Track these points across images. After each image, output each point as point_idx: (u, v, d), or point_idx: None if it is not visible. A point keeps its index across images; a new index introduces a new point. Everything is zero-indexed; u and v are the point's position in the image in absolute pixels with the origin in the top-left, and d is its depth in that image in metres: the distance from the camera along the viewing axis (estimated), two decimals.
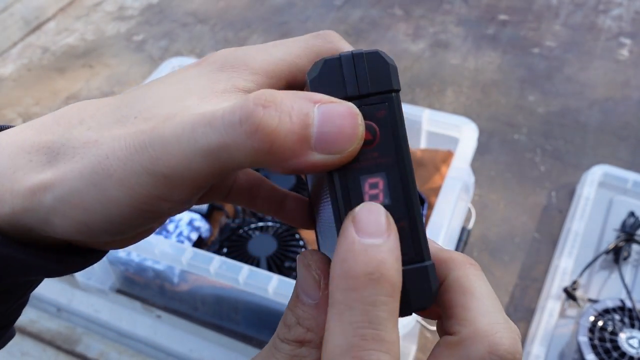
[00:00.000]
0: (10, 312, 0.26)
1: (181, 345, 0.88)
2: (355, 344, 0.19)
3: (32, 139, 0.22)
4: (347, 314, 0.19)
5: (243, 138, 0.19)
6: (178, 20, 1.57)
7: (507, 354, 0.20)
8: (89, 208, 0.21)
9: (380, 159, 0.21)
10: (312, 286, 0.22)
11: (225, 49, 0.24)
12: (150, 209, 0.21)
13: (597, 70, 1.32)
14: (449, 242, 0.81)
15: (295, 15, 1.55)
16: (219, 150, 0.20)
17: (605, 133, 1.17)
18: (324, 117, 0.20)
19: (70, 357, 0.89)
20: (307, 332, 0.21)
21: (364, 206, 0.20)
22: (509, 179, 1.10)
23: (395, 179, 0.21)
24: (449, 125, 0.96)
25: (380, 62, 0.21)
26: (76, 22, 1.60)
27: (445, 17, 1.50)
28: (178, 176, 0.20)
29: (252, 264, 0.88)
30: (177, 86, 0.22)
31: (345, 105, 0.20)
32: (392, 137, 0.21)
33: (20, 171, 0.22)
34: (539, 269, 0.95)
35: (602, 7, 1.50)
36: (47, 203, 0.22)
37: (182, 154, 0.20)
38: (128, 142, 0.21)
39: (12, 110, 1.33)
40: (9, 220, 0.22)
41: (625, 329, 0.81)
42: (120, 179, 0.21)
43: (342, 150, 0.20)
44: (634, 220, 0.95)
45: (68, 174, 0.21)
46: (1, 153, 0.22)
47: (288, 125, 0.19)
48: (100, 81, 1.39)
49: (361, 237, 0.19)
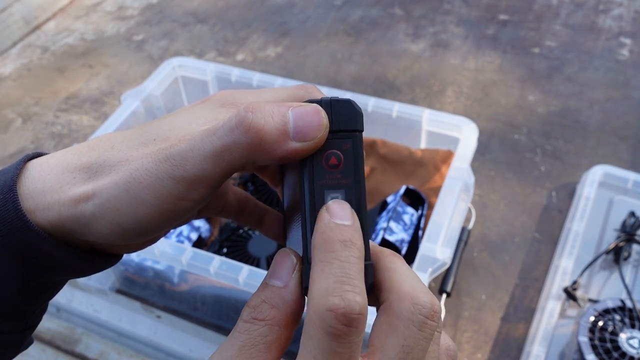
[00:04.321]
0: (37, 312, 0.32)
1: (181, 345, 0.88)
2: (336, 287, 0.24)
3: (74, 161, 0.29)
4: (328, 269, 0.25)
5: (240, 137, 0.26)
6: (178, 20, 1.57)
7: (426, 303, 0.26)
8: (123, 211, 0.27)
9: (342, 180, 0.28)
10: (286, 269, 0.27)
11: (224, 91, 0.31)
12: (172, 208, 0.27)
13: (597, 70, 1.32)
14: (449, 242, 0.81)
15: (295, 15, 1.55)
16: (223, 152, 0.26)
17: (606, 133, 1.17)
18: (297, 115, 0.27)
19: (70, 357, 0.89)
20: (272, 308, 0.26)
21: (334, 201, 0.27)
22: (509, 179, 1.10)
23: (350, 197, 0.28)
24: (449, 125, 0.96)
25: (350, 108, 0.28)
26: (76, 22, 1.60)
27: (445, 17, 1.50)
28: (193, 178, 0.26)
29: (252, 264, 0.88)
30: (186, 117, 0.29)
31: (312, 106, 0.27)
32: (353, 165, 0.28)
33: (66, 186, 0.28)
34: (539, 269, 0.95)
35: (602, 7, 1.50)
36: (89, 210, 0.27)
37: (196, 160, 0.26)
38: (153, 157, 0.27)
39: (12, 110, 1.33)
40: (55, 224, 0.28)
41: (625, 329, 0.81)
42: (148, 184, 0.27)
43: (314, 137, 0.27)
44: (634, 220, 0.94)
45: (106, 185, 0.27)
46: (49, 173, 0.29)
47: (272, 124, 0.26)
48: (100, 81, 1.39)
49: (334, 219, 0.26)
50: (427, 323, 0.25)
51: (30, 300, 0.30)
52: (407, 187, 0.97)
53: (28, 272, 0.28)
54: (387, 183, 1.02)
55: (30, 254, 0.28)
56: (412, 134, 1.01)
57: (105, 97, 1.35)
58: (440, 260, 0.76)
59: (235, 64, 1.39)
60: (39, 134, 1.27)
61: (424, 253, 0.76)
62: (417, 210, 0.95)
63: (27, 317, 0.31)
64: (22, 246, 0.28)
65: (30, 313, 0.31)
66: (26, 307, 0.30)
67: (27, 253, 0.28)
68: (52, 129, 1.28)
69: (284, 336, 0.26)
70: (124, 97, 1.02)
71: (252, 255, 0.89)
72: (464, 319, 0.90)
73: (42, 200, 0.28)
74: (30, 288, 0.29)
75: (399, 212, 0.92)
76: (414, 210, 0.94)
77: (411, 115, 0.98)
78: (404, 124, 0.99)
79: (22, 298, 0.29)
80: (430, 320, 0.26)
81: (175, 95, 1.11)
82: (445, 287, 0.89)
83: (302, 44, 1.45)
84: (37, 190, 0.28)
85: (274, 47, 1.45)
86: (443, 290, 0.89)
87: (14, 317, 0.30)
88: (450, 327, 0.89)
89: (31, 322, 0.32)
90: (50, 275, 0.30)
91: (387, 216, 0.92)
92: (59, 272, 0.30)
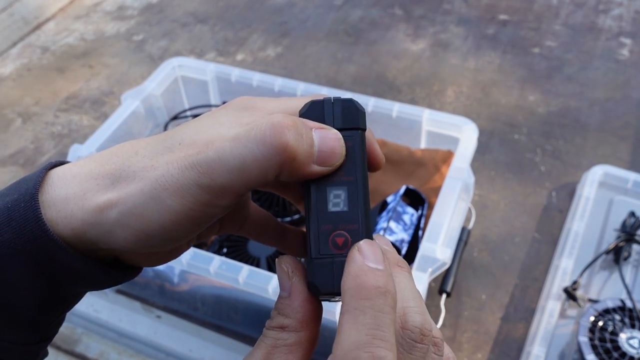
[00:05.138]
0: (54, 324, 0.31)
1: (181, 345, 0.88)
2: (367, 341, 0.23)
3: (97, 169, 0.28)
4: (361, 318, 0.24)
5: (272, 153, 0.26)
6: (178, 20, 1.57)
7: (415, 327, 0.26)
8: (148, 217, 0.27)
9: (345, 177, 0.28)
10: (284, 279, 0.28)
11: (244, 96, 0.31)
12: (198, 215, 0.27)
13: (597, 70, 1.32)
14: (449, 242, 0.81)
15: (295, 15, 1.55)
16: (251, 164, 0.26)
17: (605, 133, 1.17)
18: (322, 140, 0.27)
19: (70, 357, 0.89)
20: (285, 318, 0.27)
21: (365, 242, 0.27)
22: (509, 179, 1.10)
23: (353, 193, 0.28)
24: (449, 125, 0.96)
25: (352, 107, 0.29)
26: (76, 22, 1.60)
27: (445, 17, 1.50)
28: (220, 187, 0.26)
29: (252, 264, 0.88)
30: (210, 121, 0.29)
31: (333, 132, 0.28)
32: (355, 162, 0.28)
33: (89, 193, 0.28)
34: (539, 269, 0.95)
35: (602, 7, 1.50)
36: (113, 217, 0.27)
37: (223, 170, 0.26)
38: (180, 164, 0.27)
39: (12, 110, 1.33)
40: (77, 233, 0.27)
41: (625, 329, 0.81)
42: (174, 191, 0.26)
43: (333, 164, 0.28)
44: (634, 220, 0.94)
45: (131, 192, 0.27)
46: (72, 181, 0.28)
47: (304, 146, 0.27)
48: (100, 81, 1.39)
49: (367, 262, 0.25)
50: (416, 346, 0.26)
51: (47, 312, 0.29)
52: (407, 187, 0.97)
53: (46, 282, 0.28)
54: (387, 183, 1.02)
55: (50, 264, 0.27)
56: (412, 134, 1.01)
57: (105, 97, 1.35)
58: (440, 260, 0.76)
59: (235, 64, 1.39)
60: (39, 134, 1.27)
61: (424, 253, 0.76)
62: (417, 210, 0.95)
63: (44, 329, 0.30)
64: (41, 256, 0.27)
65: (47, 325, 0.30)
66: (43, 319, 0.30)
67: (46, 263, 0.27)
68: (52, 129, 1.28)
69: (304, 338, 0.27)
70: (124, 97, 1.02)
71: (252, 255, 0.89)
72: (463, 319, 0.90)
73: (64, 208, 0.27)
74: (48, 299, 0.29)
75: (399, 212, 0.92)
76: (414, 210, 0.94)
77: (411, 115, 0.98)
78: (404, 124, 0.99)
79: (39, 309, 0.29)
80: (420, 343, 0.26)
81: (175, 95, 1.11)
82: (445, 287, 0.89)
83: (302, 44, 1.45)
84: (59, 198, 0.28)
85: (274, 47, 1.45)
86: (443, 290, 0.89)
87: (30, 329, 0.29)
88: (450, 327, 0.89)
89: (47, 334, 0.31)
90: (69, 287, 0.29)
91: (387, 216, 0.92)
92: (78, 284, 0.29)
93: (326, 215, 0.28)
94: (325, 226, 0.28)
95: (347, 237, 0.28)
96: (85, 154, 0.92)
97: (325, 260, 0.27)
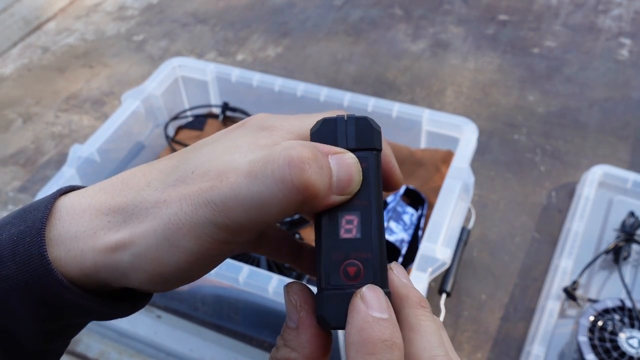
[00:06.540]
0: (60, 349, 0.30)
1: (181, 345, 0.88)
2: None
3: (108, 202, 0.27)
4: None
5: (294, 193, 0.24)
6: (178, 20, 1.57)
7: None
8: (163, 260, 0.25)
9: (357, 201, 0.26)
10: (292, 310, 0.26)
11: (261, 114, 0.29)
12: (215, 253, 0.26)
13: (597, 70, 1.32)
14: (448, 242, 0.81)
15: (295, 15, 1.55)
16: (270, 202, 0.24)
17: (605, 133, 1.17)
18: (339, 167, 0.25)
19: (70, 357, 0.89)
20: (292, 351, 0.26)
21: (369, 288, 0.25)
22: (509, 179, 1.10)
23: (367, 219, 0.26)
24: (449, 125, 0.96)
25: (367, 126, 0.27)
26: (76, 22, 1.60)
27: (445, 17, 1.50)
28: (238, 225, 0.25)
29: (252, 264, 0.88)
30: (225, 143, 0.27)
31: (349, 156, 0.26)
32: (369, 185, 0.26)
33: (101, 231, 0.26)
34: (538, 269, 0.95)
35: (602, 7, 1.50)
36: (126, 259, 0.26)
37: (240, 208, 0.24)
38: (193, 200, 0.25)
39: (12, 110, 1.33)
40: (87, 273, 0.26)
41: (625, 329, 0.81)
42: (189, 230, 0.25)
43: (352, 192, 0.26)
44: (633, 220, 0.95)
45: (143, 233, 0.25)
46: (81, 216, 0.27)
47: (325, 179, 0.25)
48: (100, 81, 1.39)
49: (371, 312, 0.24)
50: None
51: (52, 340, 0.29)
52: (407, 187, 0.97)
53: (51, 316, 0.27)
54: None
55: (54, 301, 0.26)
56: (412, 134, 1.01)
57: (106, 97, 1.35)
58: (440, 260, 0.76)
59: (236, 64, 1.39)
60: (39, 134, 1.27)
61: (424, 253, 0.77)
62: (417, 210, 0.95)
63: (49, 356, 0.30)
64: (45, 293, 0.26)
65: (53, 352, 0.30)
66: (47, 347, 0.29)
67: (51, 300, 0.26)
68: (53, 129, 1.28)
69: None
70: (124, 97, 1.02)
71: (252, 255, 0.90)
72: (463, 318, 0.90)
73: (74, 246, 0.26)
74: (53, 330, 0.28)
75: (399, 212, 0.92)
76: (414, 210, 0.95)
77: (411, 115, 0.98)
78: (404, 124, 0.99)
79: (43, 340, 0.28)
80: None
81: (176, 96, 1.12)
82: (445, 287, 0.89)
83: (302, 44, 1.45)
84: (69, 235, 0.26)
85: (274, 47, 1.45)
86: (443, 290, 0.89)
87: (33, 357, 0.29)
88: (450, 327, 0.89)
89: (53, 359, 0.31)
90: (75, 319, 0.28)
91: (387, 216, 0.92)
92: (85, 317, 0.28)
93: (337, 243, 0.26)
94: (336, 255, 0.26)
95: (360, 267, 0.26)
96: (86, 154, 0.92)
97: (336, 292, 0.26)
